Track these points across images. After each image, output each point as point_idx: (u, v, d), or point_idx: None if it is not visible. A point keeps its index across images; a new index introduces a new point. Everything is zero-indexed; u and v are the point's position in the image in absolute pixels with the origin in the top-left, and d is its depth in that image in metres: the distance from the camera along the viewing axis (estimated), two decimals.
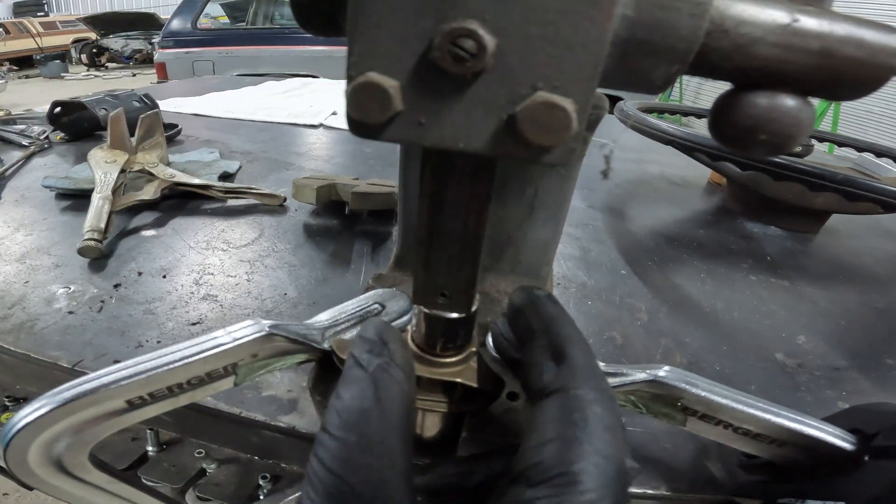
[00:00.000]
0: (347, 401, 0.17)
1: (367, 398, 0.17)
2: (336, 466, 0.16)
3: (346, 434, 0.16)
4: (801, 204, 0.66)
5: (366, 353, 0.18)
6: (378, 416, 0.17)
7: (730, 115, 0.15)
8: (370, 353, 0.18)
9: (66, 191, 0.61)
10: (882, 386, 0.41)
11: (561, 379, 0.18)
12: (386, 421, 0.17)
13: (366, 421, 0.16)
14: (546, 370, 0.19)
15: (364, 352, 0.19)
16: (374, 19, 0.13)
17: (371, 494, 0.15)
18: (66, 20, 8.36)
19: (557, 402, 0.18)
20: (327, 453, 0.16)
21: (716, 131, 0.16)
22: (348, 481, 0.15)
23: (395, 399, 0.17)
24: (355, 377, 0.18)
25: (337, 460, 0.16)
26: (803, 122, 0.15)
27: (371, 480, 0.16)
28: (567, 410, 0.17)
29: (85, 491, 0.25)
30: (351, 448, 0.16)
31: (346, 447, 0.16)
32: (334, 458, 0.16)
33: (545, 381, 0.19)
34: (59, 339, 0.38)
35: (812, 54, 0.14)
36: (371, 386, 0.17)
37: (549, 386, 0.18)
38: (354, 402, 0.17)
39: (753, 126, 0.15)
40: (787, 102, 0.14)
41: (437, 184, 0.18)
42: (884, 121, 3.42)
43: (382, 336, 0.19)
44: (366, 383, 0.17)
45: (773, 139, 0.15)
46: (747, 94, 0.15)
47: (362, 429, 0.16)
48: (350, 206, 0.58)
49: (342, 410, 0.17)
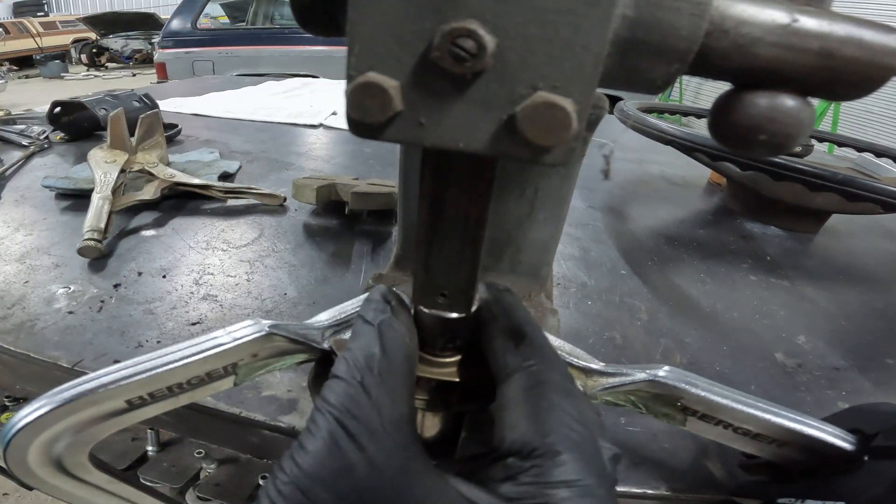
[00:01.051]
0: (355, 349, 0.18)
1: (373, 345, 0.18)
2: (340, 403, 0.17)
3: (353, 376, 0.17)
4: (801, 204, 0.66)
5: (371, 310, 0.20)
6: (382, 360, 0.18)
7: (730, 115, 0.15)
8: (375, 310, 0.20)
9: (66, 191, 0.61)
10: (882, 386, 0.41)
11: (522, 358, 0.20)
12: (390, 365, 0.18)
13: (371, 365, 0.18)
14: (507, 351, 0.20)
15: (370, 310, 0.20)
16: (375, 19, 0.13)
17: (372, 428, 0.16)
18: (65, 20, 8.36)
19: (521, 379, 0.19)
20: (333, 393, 0.17)
21: (716, 131, 0.16)
22: (354, 414, 0.16)
23: (398, 348, 0.19)
24: (362, 330, 0.19)
25: (342, 397, 0.17)
26: (803, 122, 0.15)
27: (373, 416, 0.16)
28: (532, 385, 0.19)
29: (85, 491, 0.25)
30: (356, 387, 0.17)
31: (351, 387, 0.17)
32: (340, 396, 0.17)
33: (507, 362, 0.20)
34: (59, 339, 0.38)
35: (812, 54, 0.14)
36: (376, 336, 0.19)
37: (511, 364, 0.20)
38: (361, 351, 0.18)
39: (753, 126, 0.15)
40: (787, 102, 0.14)
41: (437, 184, 0.18)
42: (884, 121, 3.42)
43: (386, 297, 0.21)
44: (371, 334, 0.19)
45: (774, 139, 0.15)
46: (747, 94, 0.15)
47: (367, 371, 0.18)
48: (350, 206, 0.58)
49: (350, 357, 0.18)
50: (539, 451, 0.16)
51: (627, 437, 0.33)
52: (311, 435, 0.16)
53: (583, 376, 0.25)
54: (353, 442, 0.16)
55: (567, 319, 0.45)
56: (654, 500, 0.30)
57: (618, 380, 0.25)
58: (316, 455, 0.15)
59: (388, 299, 0.21)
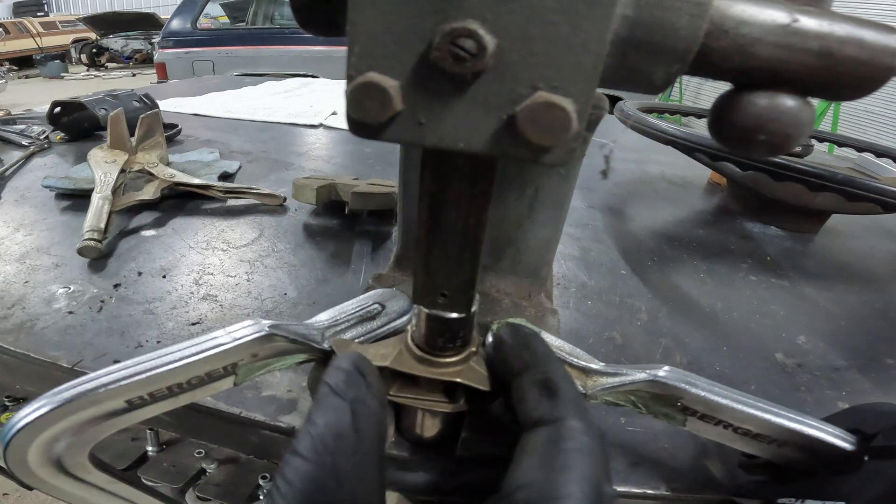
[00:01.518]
0: (322, 427, 0.17)
1: (345, 425, 0.17)
2: (308, 488, 0.15)
3: (321, 458, 0.16)
4: (801, 204, 0.66)
5: (342, 382, 0.18)
6: (355, 444, 0.17)
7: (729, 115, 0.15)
8: (346, 383, 0.18)
9: (66, 191, 0.61)
10: (882, 386, 0.41)
11: (553, 411, 0.19)
12: (362, 450, 0.17)
13: (341, 448, 0.16)
14: (539, 403, 0.20)
15: (340, 381, 0.18)
16: (374, 19, 0.13)
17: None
18: (65, 20, 8.36)
19: (548, 431, 0.18)
20: (297, 475, 0.16)
21: (715, 131, 0.16)
22: None
23: (371, 430, 0.18)
24: (332, 405, 0.18)
25: (309, 483, 0.16)
26: (803, 123, 0.15)
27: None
28: (557, 439, 0.18)
29: (85, 491, 0.25)
30: (326, 472, 0.16)
31: (320, 471, 0.16)
32: (306, 480, 0.16)
33: (537, 413, 0.19)
34: (59, 339, 0.38)
35: (812, 54, 0.14)
36: (348, 415, 0.17)
37: (541, 417, 0.19)
38: (330, 429, 0.17)
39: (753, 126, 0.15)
40: (786, 102, 0.14)
41: (437, 184, 0.18)
42: (884, 121, 3.42)
43: (359, 367, 0.19)
44: (342, 411, 0.17)
45: (773, 139, 0.15)
46: (747, 95, 0.15)
47: (338, 455, 0.16)
48: (350, 206, 0.58)
49: (317, 436, 0.17)
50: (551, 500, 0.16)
51: (627, 437, 0.33)
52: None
53: (583, 376, 0.25)
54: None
55: (567, 319, 0.45)
56: (654, 500, 0.30)
57: (618, 380, 0.25)
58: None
59: (361, 370, 0.19)
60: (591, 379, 0.25)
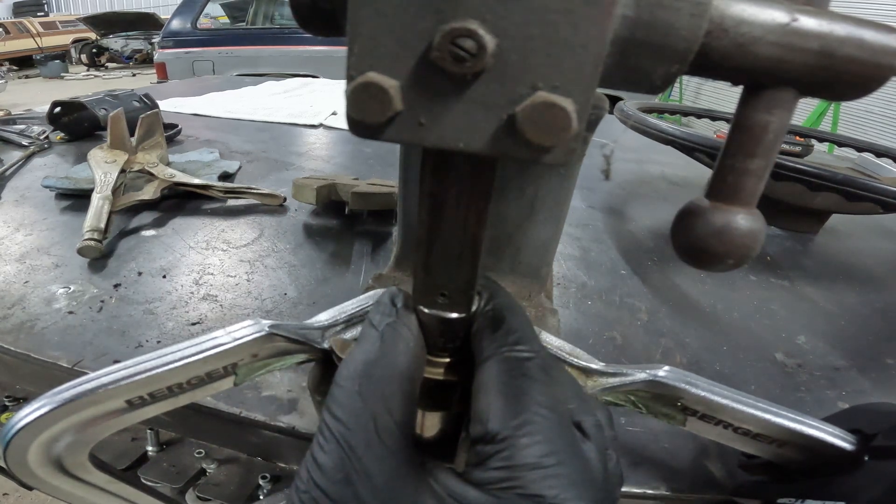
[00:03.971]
0: (356, 354, 0.19)
1: (373, 351, 0.19)
2: (340, 413, 0.17)
3: (351, 383, 0.18)
4: (801, 204, 0.66)
5: (378, 314, 0.20)
6: (380, 368, 0.18)
7: (688, 232, 0.16)
8: (381, 313, 0.20)
9: (66, 191, 0.61)
10: (882, 386, 0.41)
11: (497, 342, 0.20)
12: (387, 372, 0.18)
13: (369, 372, 0.18)
14: (486, 335, 0.20)
15: (377, 313, 0.20)
16: (374, 19, 0.13)
17: (366, 438, 0.17)
18: (66, 20, 8.36)
19: (496, 363, 0.19)
20: (335, 403, 0.17)
21: (675, 245, 0.17)
22: (351, 427, 0.17)
23: (399, 353, 0.19)
24: (366, 335, 0.20)
25: (341, 407, 0.17)
26: (757, 238, 0.16)
27: (367, 425, 0.17)
28: (505, 370, 0.19)
29: (85, 491, 0.25)
30: (352, 395, 0.17)
31: (349, 395, 0.17)
32: (339, 405, 0.17)
33: (484, 346, 0.20)
34: (59, 339, 0.38)
35: (812, 54, 0.14)
36: (378, 341, 0.19)
37: (488, 349, 0.20)
38: (361, 356, 0.19)
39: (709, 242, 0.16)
40: (739, 221, 0.16)
41: (437, 184, 0.18)
42: (884, 121, 3.42)
43: (394, 300, 0.21)
44: (374, 339, 0.19)
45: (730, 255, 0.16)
46: (705, 211, 0.16)
47: (365, 379, 0.18)
48: (350, 206, 0.58)
49: (350, 363, 0.18)
50: (504, 435, 0.17)
51: (627, 437, 0.33)
52: (320, 448, 0.17)
53: (583, 376, 0.25)
54: (352, 453, 0.16)
55: (567, 319, 0.45)
56: (654, 500, 0.30)
57: (618, 380, 0.25)
58: (324, 468, 0.17)
59: (395, 302, 0.21)
60: (592, 379, 0.25)
